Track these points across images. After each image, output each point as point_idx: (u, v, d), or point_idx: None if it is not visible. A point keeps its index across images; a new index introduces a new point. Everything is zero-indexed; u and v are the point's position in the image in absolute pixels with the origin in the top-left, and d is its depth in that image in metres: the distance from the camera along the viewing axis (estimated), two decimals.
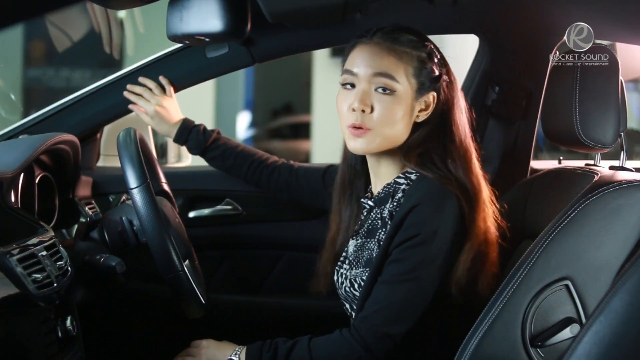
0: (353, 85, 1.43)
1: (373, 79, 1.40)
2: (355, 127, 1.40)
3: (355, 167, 1.55)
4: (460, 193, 1.39)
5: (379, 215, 1.46)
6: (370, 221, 1.48)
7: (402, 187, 1.43)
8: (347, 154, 1.55)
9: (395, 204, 1.43)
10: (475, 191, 1.41)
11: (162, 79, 1.87)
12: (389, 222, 1.42)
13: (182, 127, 1.85)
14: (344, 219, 1.56)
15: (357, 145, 1.42)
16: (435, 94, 1.44)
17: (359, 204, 1.55)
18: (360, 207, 1.54)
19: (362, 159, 1.53)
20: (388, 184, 1.47)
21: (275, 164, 1.85)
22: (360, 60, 1.42)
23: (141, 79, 1.86)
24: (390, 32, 1.43)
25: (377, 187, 1.50)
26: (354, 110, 1.40)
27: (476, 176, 1.44)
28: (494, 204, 1.47)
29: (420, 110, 1.44)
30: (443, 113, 1.45)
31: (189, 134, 1.84)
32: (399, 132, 1.42)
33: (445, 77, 1.45)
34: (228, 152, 1.85)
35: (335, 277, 1.52)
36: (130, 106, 1.87)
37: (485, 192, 1.44)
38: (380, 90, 1.40)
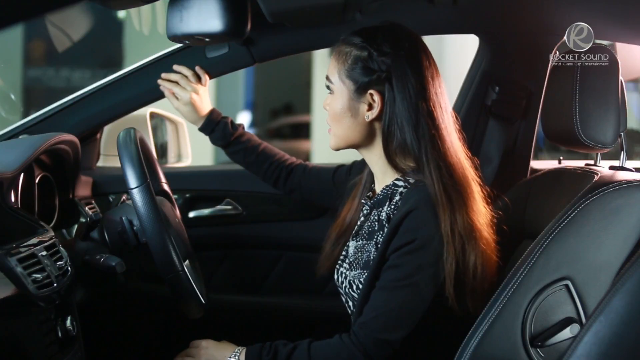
0: None
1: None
2: None
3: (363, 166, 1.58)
4: (455, 197, 1.36)
5: (376, 218, 1.46)
6: (369, 223, 1.48)
7: (400, 189, 1.43)
8: None
9: (392, 207, 1.42)
10: (466, 194, 1.39)
11: (198, 69, 1.87)
12: (386, 226, 1.42)
13: (210, 118, 1.85)
14: (351, 210, 1.57)
15: (329, 142, 1.51)
16: (376, 93, 1.42)
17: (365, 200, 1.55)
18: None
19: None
20: (387, 186, 1.47)
21: (293, 164, 1.87)
22: None
23: (176, 67, 1.86)
24: (350, 34, 1.47)
25: (378, 187, 1.51)
26: None
27: (465, 178, 1.41)
28: (490, 205, 1.46)
29: (368, 110, 1.44)
30: (394, 113, 1.40)
31: (217, 125, 1.85)
32: (346, 130, 1.46)
33: (390, 75, 1.40)
34: (251, 148, 1.86)
35: (336, 277, 1.52)
36: (166, 93, 1.86)
37: (477, 194, 1.42)
38: (327, 90, 1.49)
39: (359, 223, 1.53)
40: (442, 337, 1.41)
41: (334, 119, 1.47)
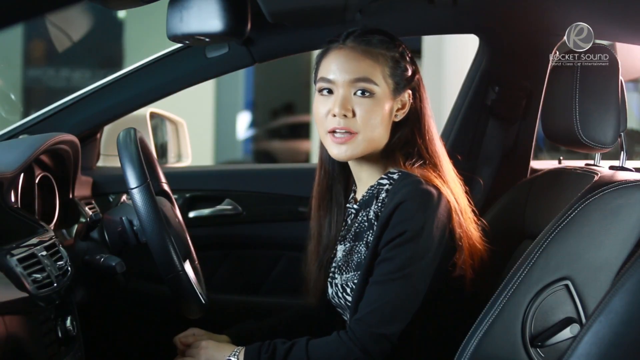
0: (330, 91, 1.42)
1: (352, 84, 1.40)
2: (337, 132, 1.39)
3: (333, 173, 1.53)
4: (443, 188, 1.39)
5: (364, 218, 1.46)
6: (356, 225, 1.48)
7: (386, 187, 1.43)
8: (323, 160, 1.53)
9: (379, 204, 1.42)
10: (450, 187, 1.42)
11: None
12: (375, 223, 1.41)
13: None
14: (324, 226, 1.55)
15: (341, 152, 1.41)
16: (410, 92, 1.44)
17: (338, 208, 1.54)
18: (340, 211, 1.54)
19: (340, 164, 1.51)
20: (372, 187, 1.46)
21: None
22: (336, 67, 1.41)
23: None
24: (362, 34, 1.43)
25: (361, 191, 1.50)
26: (334, 115, 1.39)
27: (449, 172, 1.45)
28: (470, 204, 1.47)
29: (398, 110, 1.44)
30: (417, 111, 1.45)
31: None
32: (381, 134, 1.42)
33: (418, 75, 1.46)
34: None
35: (330, 291, 1.51)
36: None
37: (459, 189, 1.44)
38: (359, 93, 1.40)
39: (345, 227, 1.53)
40: (442, 335, 1.41)
41: (371, 124, 1.39)
